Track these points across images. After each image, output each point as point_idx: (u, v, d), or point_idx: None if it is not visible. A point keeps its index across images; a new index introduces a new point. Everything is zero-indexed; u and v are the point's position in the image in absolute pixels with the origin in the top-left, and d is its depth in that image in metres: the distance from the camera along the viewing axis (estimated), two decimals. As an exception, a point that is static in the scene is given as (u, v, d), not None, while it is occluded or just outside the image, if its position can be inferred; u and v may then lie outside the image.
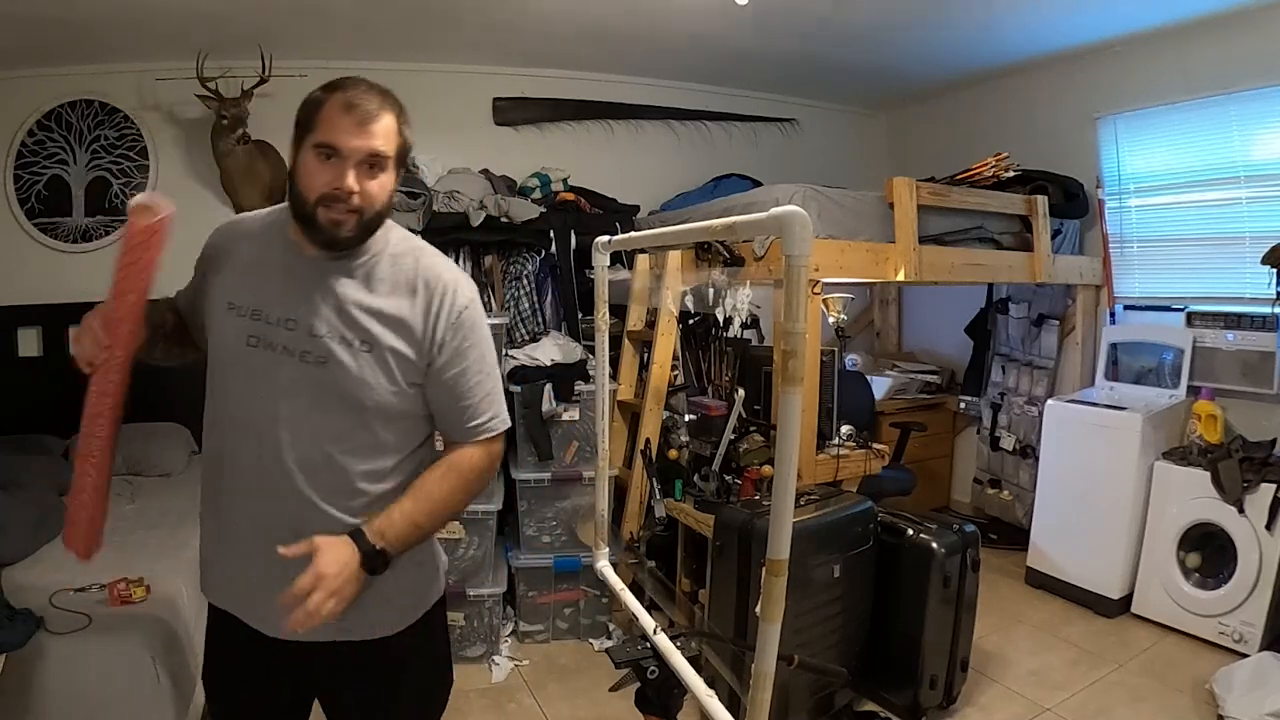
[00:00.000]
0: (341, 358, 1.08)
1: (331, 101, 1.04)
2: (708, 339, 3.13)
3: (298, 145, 1.06)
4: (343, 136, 1.02)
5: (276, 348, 1.08)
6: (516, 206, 3.08)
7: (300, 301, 1.09)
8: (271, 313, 1.09)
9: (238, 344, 1.09)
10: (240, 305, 1.10)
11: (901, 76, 4.00)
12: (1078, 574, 3.12)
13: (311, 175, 1.03)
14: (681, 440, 2.86)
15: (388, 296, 1.11)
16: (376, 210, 1.07)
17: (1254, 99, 2.95)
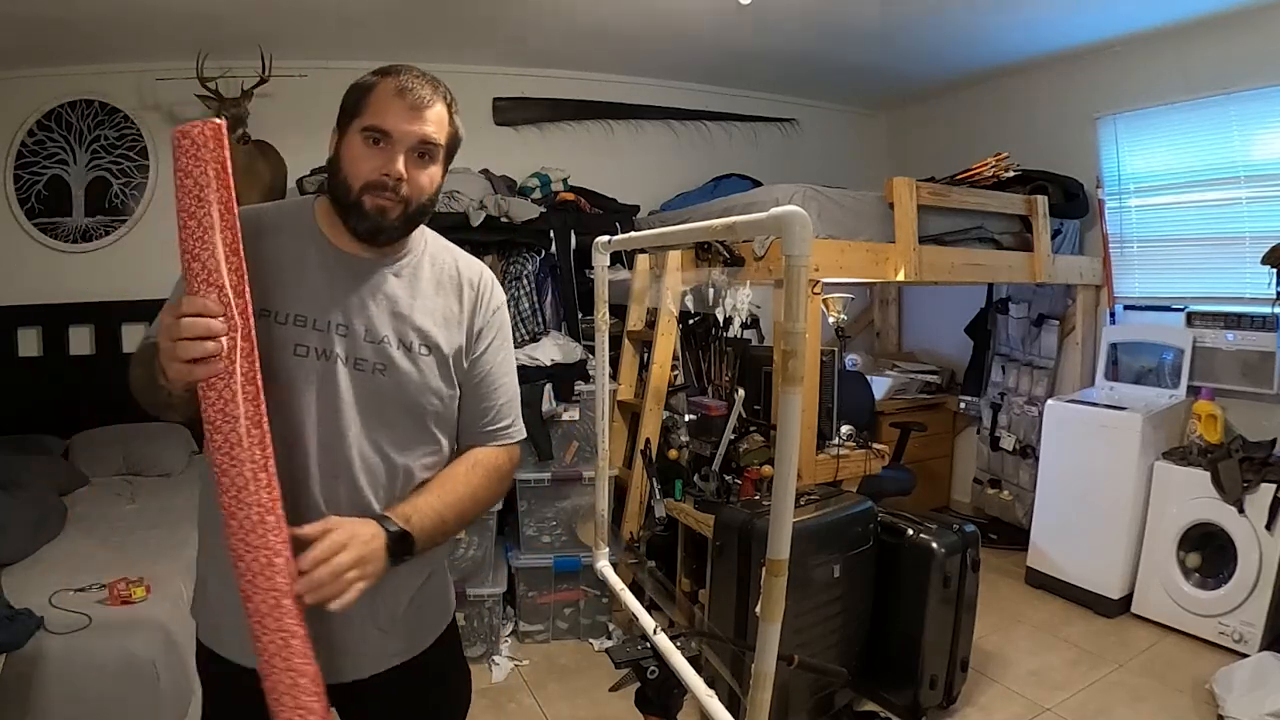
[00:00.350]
0: (402, 364, 1.03)
1: (383, 86, 0.99)
2: (708, 339, 3.13)
3: (342, 130, 1.00)
4: (394, 120, 0.97)
5: (330, 356, 1.00)
6: (516, 206, 3.08)
7: (350, 304, 1.02)
8: (319, 317, 1.00)
9: (281, 354, 0.98)
10: (277, 311, 0.99)
11: (901, 76, 4.00)
12: (1078, 574, 3.12)
13: (358, 160, 0.98)
14: (681, 440, 2.86)
15: (436, 296, 1.08)
16: (422, 203, 1.02)
17: (1254, 99, 2.95)
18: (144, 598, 1.93)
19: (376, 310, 1.03)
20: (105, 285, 3.25)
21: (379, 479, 1.02)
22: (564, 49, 3.54)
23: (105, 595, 1.92)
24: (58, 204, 3.29)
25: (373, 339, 1.02)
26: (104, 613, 1.86)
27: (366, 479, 1.01)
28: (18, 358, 3.22)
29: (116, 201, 3.34)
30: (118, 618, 1.85)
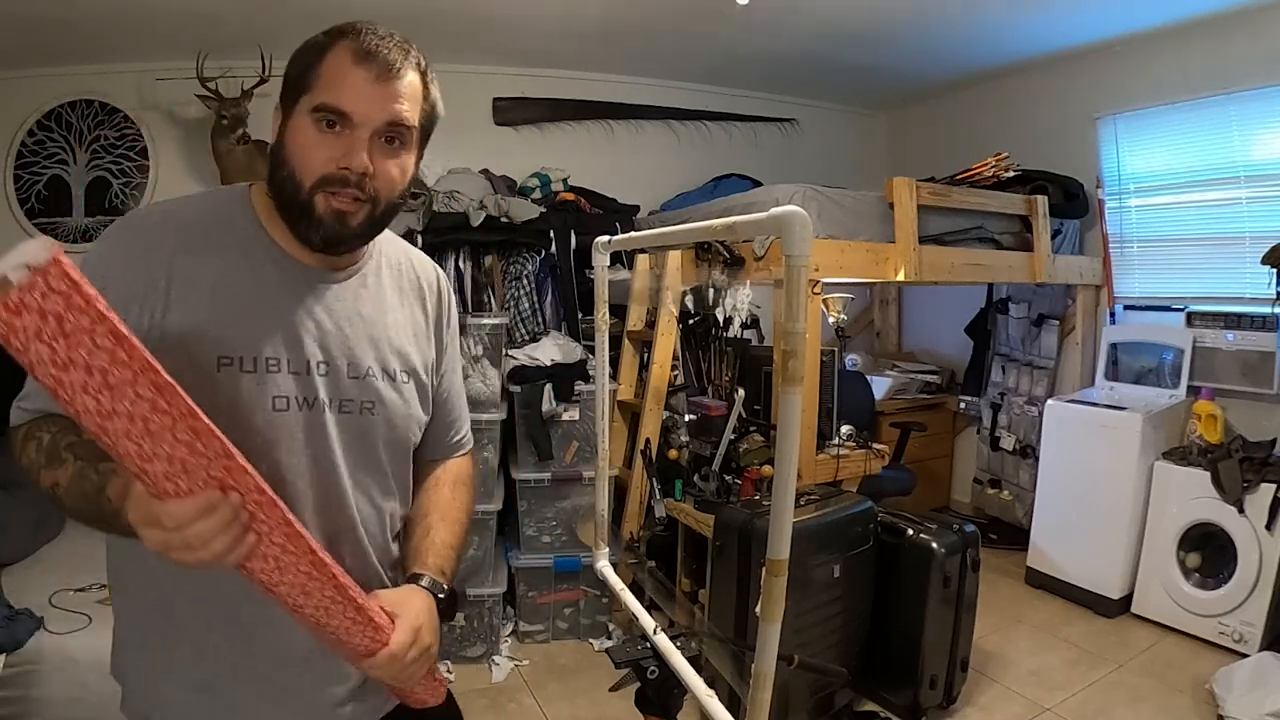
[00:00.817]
0: (389, 397, 0.87)
1: (339, 49, 0.77)
2: (708, 339, 3.13)
3: (287, 109, 0.79)
4: (353, 97, 0.75)
5: (314, 403, 0.81)
6: (516, 206, 3.08)
7: (325, 333, 0.83)
8: (294, 357, 0.80)
9: (255, 412, 0.78)
10: (242, 357, 0.77)
11: (901, 76, 4.00)
12: (1078, 574, 3.12)
13: (308, 149, 0.76)
14: (681, 440, 2.86)
15: (402, 308, 0.92)
16: (392, 201, 0.82)
17: (1254, 99, 2.95)
18: (144, 598, 1.93)
19: (354, 336, 0.85)
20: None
21: (374, 532, 0.89)
22: (564, 49, 3.54)
23: (105, 595, 1.92)
24: (58, 204, 3.29)
25: (356, 373, 0.85)
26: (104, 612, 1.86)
27: (366, 536, 0.87)
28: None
29: (116, 201, 3.34)
30: (118, 618, 1.85)
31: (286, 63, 0.81)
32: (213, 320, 0.77)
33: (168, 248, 0.77)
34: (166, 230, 0.78)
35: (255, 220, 0.82)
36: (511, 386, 2.76)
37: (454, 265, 2.99)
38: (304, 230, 0.79)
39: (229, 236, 0.81)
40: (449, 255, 2.99)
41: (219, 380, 0.76)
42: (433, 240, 2.91)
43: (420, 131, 0.82)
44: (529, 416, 2.74)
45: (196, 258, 0.78)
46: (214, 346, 0.76)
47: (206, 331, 0.76)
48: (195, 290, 0.77)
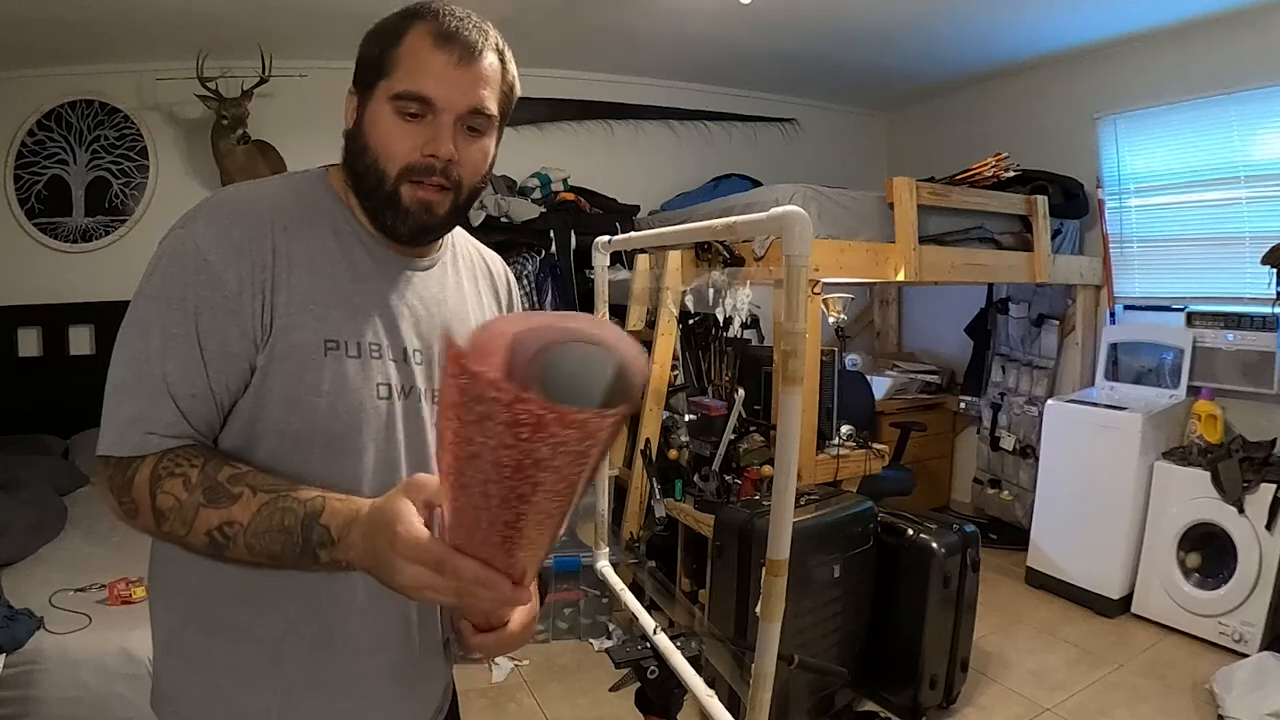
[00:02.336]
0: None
1: (417, 34, 0.73)
2: (708, 339, 3.13)
3: (364, 95, 0.76)
4: (436, 83, 0.72)
5: (412, 392, 0.79)
6: (516, 206, 3.08)
7: (419, 321, 0.81)
8: (394, 343, 0.78)
9: (361, 399, 0.75)
10: (346, 341, 0.75)
11: (901, 76, 4.00)
12: (1078, 574, 3.12)
13: (391, 138, 0.74)
14: (681, 440, 2.86)
15: (481, 298, 0.91)
16: (475, 186, 0.80)
17: (1254, 99, 2.95)
18: (144, 597, 1.93)
19: (443, 322, 0.84)
20: (105, 285, 3.25)
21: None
22: (564, 49, 3.54)
23: (105, 595, 1.92)
24: (58, 204, 3.29)
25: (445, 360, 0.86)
26: (104, 612, 1.86)
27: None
28: (18, 358, 3.23)
29: (116, 201, 3.34)
30: (118, 618, 1.85)
31: (360, 46, 0.78)
32: (317, 302, 0.74)
33: (266, 227, 0.73)
34: (261, 210, 0.74)
35: (340, 202, 0.80)
36: (511, 386, 2.75)
37: (454, 265, 3.00)
38: (390, 221, 0.77)
39: (319, 218, 0.78)
40: (449, 255, 2.99)
41: (325, 365, 0.73)
42: (433, 240, 2.91)
43: (500, 114, 0.80)
44: (529, 416, 2.74)
45: (294, 238, 0.74)
46: (320, 329, 0.73)
47: (312, 313, 0.73)
48: (297, 271, 0.73)
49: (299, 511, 0.64)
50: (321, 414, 0.73)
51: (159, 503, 0.66)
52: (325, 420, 0.73)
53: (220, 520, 0.65)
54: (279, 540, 0.65)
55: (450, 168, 0.75)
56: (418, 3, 0.76)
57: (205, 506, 0.65)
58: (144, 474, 0.67)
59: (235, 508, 0.65)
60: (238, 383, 0.72)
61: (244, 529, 0.65)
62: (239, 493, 0.66)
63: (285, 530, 0.64)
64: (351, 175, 0.78)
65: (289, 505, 0.65)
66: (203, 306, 0.69)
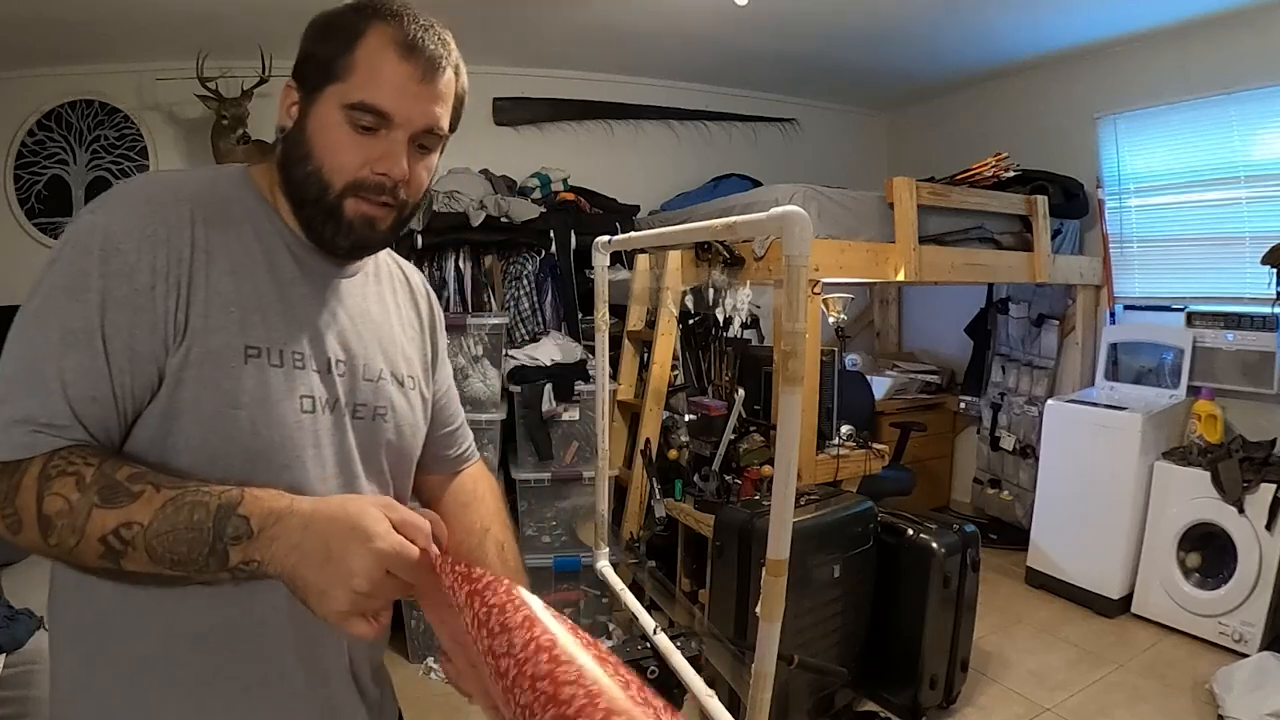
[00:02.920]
0: (400, 404, 0.80)
1: (378, 36, 0.68)
2: (708, 339, 3.13)
3: (310, 94, 0.70)
4: (396, 97, 0.68)
5: (336, 406, 0.74)
6: (516, 206, 3.08)
7: (343, 330, 0.76)
8: (318, 354, 0.73)
9: (286, 413, 0.69)
10: (266, 348, 0.68)
11: (901, 76, 4.00)
12: (1078, 574, 3.12)
13: (341, 149, 0.68)
14: (681, 440, 2.86)
15: (401, 309, 0.86)
16: (416, 203, 0.76)
17: (1254, 99, 2.95)
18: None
19: (367, 336, 0.79)
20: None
21: None
22: (564, 49, 3.54)
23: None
24: (58, 204, 3.29)
25: (370, 375, 0.78)
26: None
27: None
28: (18, 358, 3.22)
29: (116, 201, 3.34)
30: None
31: (304, 37, 0.72)
32: (237, 305, 0.67)
33: (186, 218, 0.66)
34: (182, 198, 0.68)
35: (263, 200, 0.74)
36: (511, 387, 2.76)
37: (454, 265, 2.99)
38: (329, 234, 0.72)
39: (240, 214, 0.71)
40: (449, 255, 2.99)
41: (246, 374, 0.66)
42: (433, 240, 2.91)
43: (449, 130, 0.77)
44: (529, 417, 2.74)
45: (215, 232, 0.68)
46: (241, 334, 0.67)
47: (232, 316, 0.66)
48: (217, 269, 0.67)
49: (211, 505, 0.57)
50: (241, 428, 0.66)
51: (46, 506, 0.58)
52: (245, 435, 0.66)
53: (117, 522, 0.57)
54: (185, 539, 0.56)
55: (399, 187, 0.71)
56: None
57: (100, 507, 0.57)
58: (31, 475, 0.59)
59: (135, 505, 0.57)
60: (144, 388, 0.64)
61: (144, 529, 0.57)
62: (140, 490, 0.58)
63: (193, 527, 0.57)
64: (285, 179, 0.72)
65: (200, 499, 0.58)
66: (110, 300, 0.62)
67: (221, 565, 0.57)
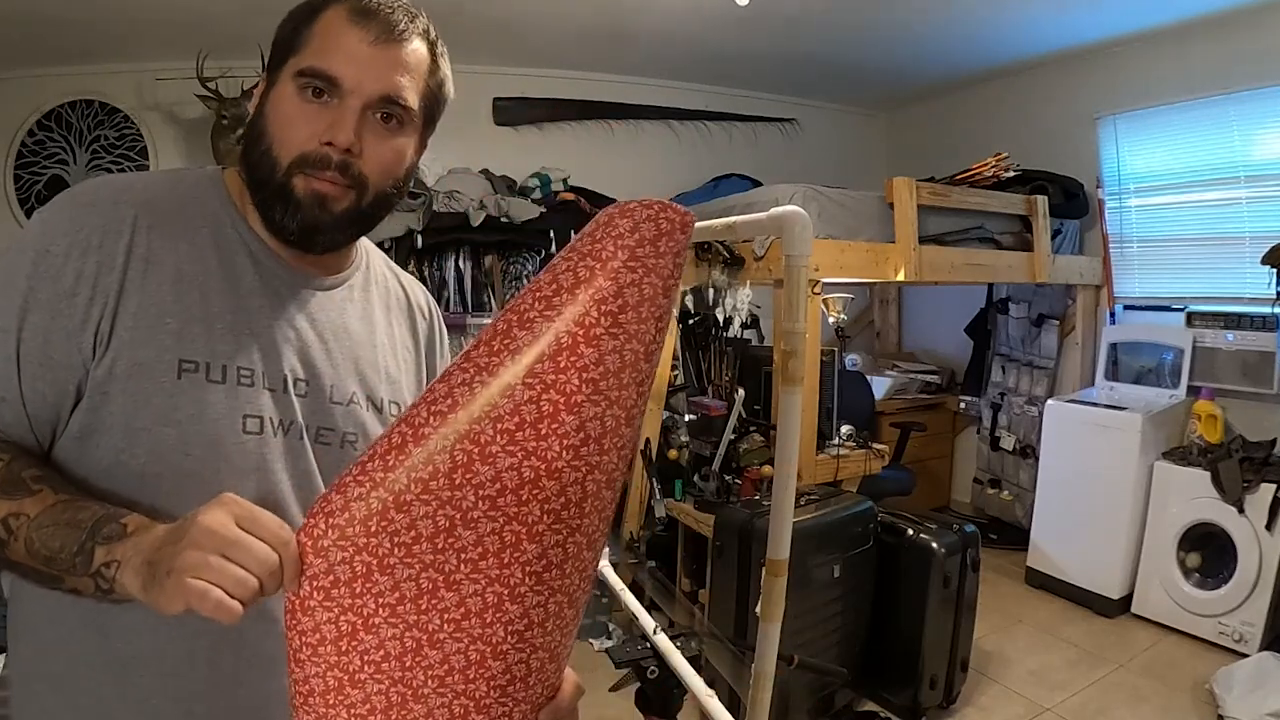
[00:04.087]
0: (372, 430, 0.73)
1: (335, 8, 0.66)
2: (708, 339, 3.13)
3: (271, 78, 0.68)
4: (345, 60, 0.64)
5: (290, 428, 0.68)
6: (516, 206, 3.08)
7: (307, 345, 0.70)
8: (270, 369, 0.67)
9: (225, 433, 0.64)
10: (205, 362, 0.63)
11: (901, 76, 4.00)
12: (1078, 574, 3.12)
13: (290, 122, 0.65)
14: (681, 440, 2.86)
15: (392, 329, 0.80)
16: (384, 191, 0.69)
17: (1254, 99, 2.95)
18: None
19: (339, 354, 0.72)
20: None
21: None
22: (564, 49, 3.54)
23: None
24: (58, 204, 3.29)
25: (340, 398, 0.71)
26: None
27: None
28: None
29: (116, 201, 3.34)
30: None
31: (277, 27, 0.71)
32: (175, 316, 0.63)
33: (125, 223, 0.63)
34: (123, 203, 0.64)
35: (230, 204, 0.69)
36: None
37: (454, 265, 3.00)
38: (279, 216, 0.66)
39: (198, 218, 0.67)
40: (449, 255, 2.99)
41: (179, 389, 0.62)
42: (433, 240, 2.91)
43: (423, 113, 0.71)
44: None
45: (160, 238, 0.63)
46: (174, 347, 0.62)
47: (167, 327, 0.62)
48: (156, 275, 0.63)
49: (99, 511, 0.56)
50: (170, 446, 0.62)
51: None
52: (176, 454, 0.62)
53: (6, 511, 0.57)
54: (60, 535, 0.55)
55: (351, 161, 0.65)
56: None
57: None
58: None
59: (29, 501, 0.57)
60: (59, 396, 0.61)
61: (29, 521, 0.56)
62: (39, 490, 0.58)
63: (73, 524, 0.55)
64: (246, 168, 0.68)
65: (92, 506, 0.57)
66: (33, 301, 0.60)
67: (86, 566, 0.54)
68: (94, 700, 0.65)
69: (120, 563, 0.53)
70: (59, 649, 0.66)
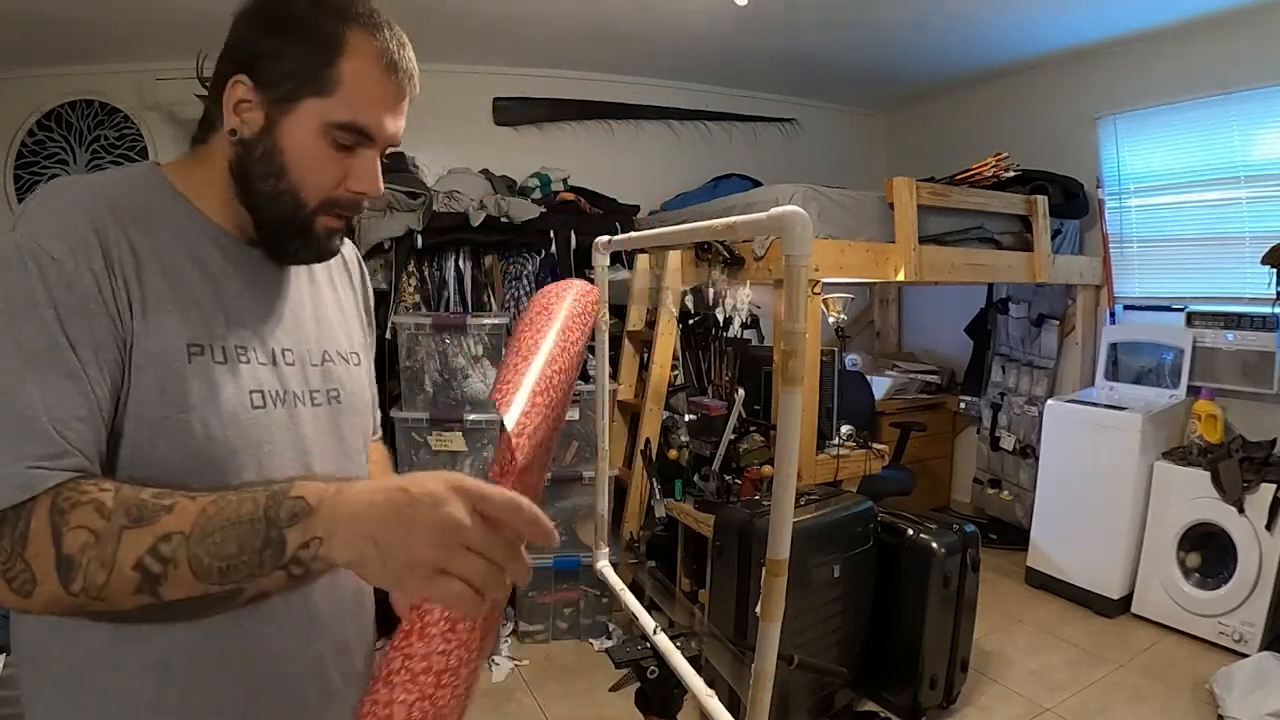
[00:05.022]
0: (348, 382, 0.80)
1: (361, 50, 0.65)
2: (708, 339, 3.13)
3: (280, 105, 0.66)
4: (383, 118, 0.67)
5: (287, 397, 0.71)
6: (516, 206, 3.08)
7: (282, 317, 0.74)
8: (260, 345, 0.70)
9: (238, 411, 0.66)
10: (207, 345, 0.65)
11: (901, 76, 4.00)
12: (1078, 574, 3.12)
13: (321, 169, 0.67)
14: (681, 440, 2.86)
15: (336, 287, 0.84)
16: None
17: (1254, 99, 2.95)
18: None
19: (307, 319, 0.76)
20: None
21: None
22: (564, 49, 3.54)
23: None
24: (58, 204, 3.29)
25: (317, 360, 0.76)
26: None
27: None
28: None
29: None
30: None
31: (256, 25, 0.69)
32: (172, 302, 0.64)
33: (109, 219, 0.62)
34: (99, 200, 0.63)
35: (179, 196, 0.69)
36: (511, 386, 2.75)
37: (454, 265, 2.99)
38: (294, 248, 0.71)
39: (157, 213, 0.67)
40: (449, 255, 2.99)
41: (191, 374, 0.63)
42: (433, 240, 2.91)
43: None
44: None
45: (138, 231, 0.64)
46: (181, 331, 0.63)
47: (169, 314, 0.63)
48: (148, 267, 0.63)
49: (258, 497, 0.54)
50: (192, 432, 0.62)
51: (66, 545, 0.52)
52: (198, 440, 0.63)
53: (155, 537, 0.52)
54: (234, 536, 0.52)
55: (364, 200, 0.71)
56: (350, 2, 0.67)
57: (131, 528, 0.52)
58: (39, 518, 0.53)
59: (170, 518, 0.53)
60: (112, 400, 0.60)
61: (186, 538, 0.52)
62: (172, 503, 0.54)
63: (242, 520, 0.53)
64: (247, 191, 0.68)
65: (243, 495, 0.54)
66: (64, 311, 0.58)
67: (278, 558, 0.52)
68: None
69: (322, 539, 0.52)
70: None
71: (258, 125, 0.67)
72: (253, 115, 0.67)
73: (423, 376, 2.68)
